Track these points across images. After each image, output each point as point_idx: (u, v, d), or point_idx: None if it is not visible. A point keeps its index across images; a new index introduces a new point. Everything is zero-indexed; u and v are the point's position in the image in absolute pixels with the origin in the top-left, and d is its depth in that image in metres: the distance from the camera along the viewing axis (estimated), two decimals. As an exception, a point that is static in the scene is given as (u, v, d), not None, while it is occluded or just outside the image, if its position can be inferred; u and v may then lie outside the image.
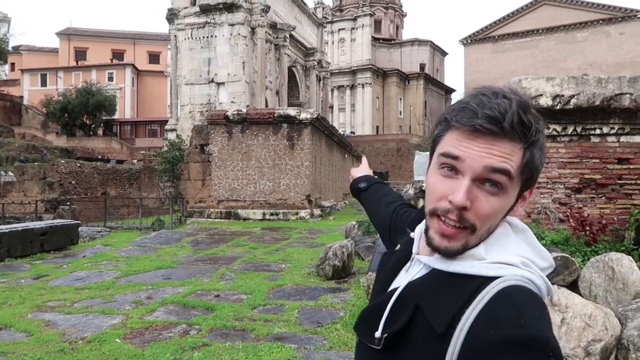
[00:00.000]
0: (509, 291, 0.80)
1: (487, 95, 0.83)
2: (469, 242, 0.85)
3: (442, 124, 0.89)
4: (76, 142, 40.87)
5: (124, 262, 9.41)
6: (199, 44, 31.19)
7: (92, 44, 61.18)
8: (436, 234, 0.87)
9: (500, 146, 0.81)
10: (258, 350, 4.45)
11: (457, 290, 0.84)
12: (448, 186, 0.84)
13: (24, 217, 16.69)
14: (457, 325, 0.79)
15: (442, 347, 0.79)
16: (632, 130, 5.97)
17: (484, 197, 0.83)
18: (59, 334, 5.08)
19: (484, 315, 0.78)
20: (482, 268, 0.84)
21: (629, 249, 5.24)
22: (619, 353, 3.81)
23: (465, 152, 0.82)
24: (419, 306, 0.86)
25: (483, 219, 0.84)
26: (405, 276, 0.97)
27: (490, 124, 0.80)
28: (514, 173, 0.82)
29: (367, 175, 1.70)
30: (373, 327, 0.92)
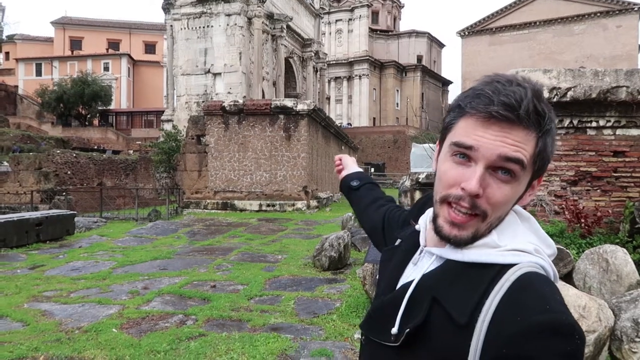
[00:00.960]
0: (529, 277, 0.81)
1: (501, 83, 0.83)
2: (479, 230, 0.85)
3: (455, 111, 0.88)
4: (72, 133, 40.69)
5: (120, 252, 9.41)
6: (195, 34, 30.98)
7: (88, 34, 60.76)
8: (445, 223, 0.87)
9: (515, 134, 0.81)
10: (254, 341, 4.47)
11: (474, 279, 0.84)
12: (461, 173, 0.84)
13: (19, 207, 16.64)
14: (478, 315, 0.79)
15: (464, 338, 0.79)
16: (628, 123, 5.99)
17: (496, 184, 0.83)
18: (55, 324, 5.09)
19: (507, 303, 0.78)
20: (498, 256, 0.84)
21: (624, 241, 5.28)
22: (612, 344, 3.84)
23: (479, 141, 0.82)
24: (437, 298, 0.85)
25: (495, 207, 0.84)
26: (415, 269, 0.96)
27: (506, 111, 0.80)
28: (527, 163, 0.82)
29: (359, 172, 1.65)
30: (387, 323, 0.90)
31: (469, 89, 0.87)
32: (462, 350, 0.79)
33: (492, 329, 0.77)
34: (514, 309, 0.76)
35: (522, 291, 0.78)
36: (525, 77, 0.86)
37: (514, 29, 49.84)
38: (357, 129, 51.13)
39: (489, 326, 0.77)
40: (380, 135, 46.62)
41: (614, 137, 6.02)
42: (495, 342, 0.76)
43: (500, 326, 0.76)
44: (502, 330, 0.75)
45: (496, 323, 0.77)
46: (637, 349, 3.71)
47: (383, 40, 69.49)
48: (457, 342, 0.80)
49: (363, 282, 5.49)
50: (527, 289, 0.79)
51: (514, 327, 0.74)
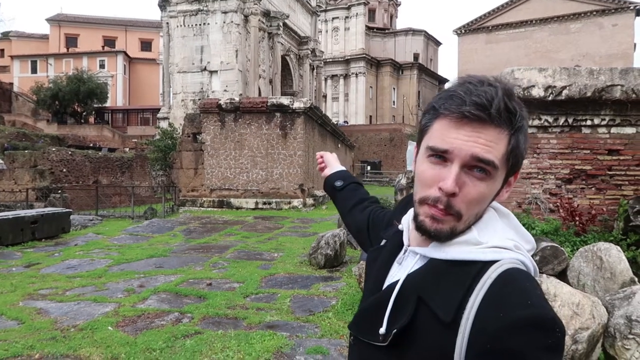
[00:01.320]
0: (510, 274, 0.83)
1: (473, 84, 0.85)
2: (456, 227, 0.87)
3: (430, 113, 0.90)
4: (67, 130, 40.51)
5: (116, 250, 9.40)
6: (191, 31, 30.89)
7: (83, 31, 60.50)
8: (427, 218, 0.88)
9: (487, 133, 0.83)
10: (250, 338, 4.48)
11: (457, 277, 0.86)
12: (437, 173, 0.86)
13: (14, 205, 16.57)
14: (463, 312, 0.80)
15: (450, 336, 0.81)
16: (622, 121, 6.01)
17: (472, 182, 0.85)
18: (50, 322, 5.08)
19: (490, 299, 0.80)
20: (479, 253, 0.87)
21: (618, 239, 5.31)
22: (606, 341, 3.87)
23: (453, 143, 0.84)
24: (422, 298, 0.87)
25: (470, 204, 0.85)
26: (400, 269, 0.97)
27: (478, 111, 0.82)
28: (499, 163, 0.84)
29: (342, 171, 1.64)
30: (375, 324, 0.92)
31: (443, 90, 0.90)
32: (448, 348, 0.80)
33: (476, 326, 0.78)
34: (496, 305, 0.78)
35: (504, 287, 0.80)
36: (498, 76, 0.89)
37: (510, 27, 49.87)
38: (353, 127, 51.09)
39: (473, 323, 0.79)
40: (376, 133, 46.61)
41: (608, 135, 6.04)
42: (480, 339, 0.77)
43: (484, 322, 0.78)
44: (486, 326, 0.77)
45: (480, 320, 0.79)
46: (630, 346, 3.73)
47: (380, 38, 69.46)
48: (443, 340, 0.82)
49: (359, 280, 5.51)
50: (509, 285, 0.80)
51: (497, 322, 0.76)
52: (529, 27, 48.91)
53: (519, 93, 5.95)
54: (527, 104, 6.03)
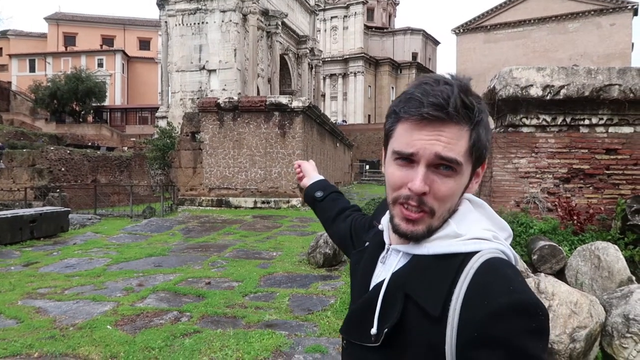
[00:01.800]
0: (492, 263, 0.85)
1: (429, 84, 0.87)
2: (431, 224, 0.89)
3: (392, 117, 0.92)
4: (66, 129, 40.48)
5: (114, 249, 9.40)
6: (190, 30, 30.87)
7: (82, 30, 60.40)
8: (402, 221, 0.90)
9: (448, 131, 0.85)
10: (249, 337, 4.48)
11: (441, 271, 0.87)
12: (405, 175, 0.88)
13: (13, 204, 16.56)
14: (449, 305, 0.82)
15: (440, 329, 0.82)
16: (620, 121, 6.03)
17: (440, 180, 0.87)
18: (49, 321, 5.08)
19: (474, 289, 0.81)
20: (460, 245, 0.88)
21: (615, 238, 5.33)
22: (603, 339, 3.89)
23: (416, 145, 0.86)
24: (409, 295, 0.88)
25: (441, 201, 0.88)
26: (384, 268, 0.99)
27: (436, 111, 0.84)
28: (462, 159, 0.86)
29: (321, 181, 1.64)
30: (365, 325, 0.93)
31: (402, 93, 0.91)
32: (439, 341, 0.82)
33: (463, 316, 0.80)
34: (480, 293, 0.80)
35: (487, 276, 0.82)
36: (454, 73, 0.91)
37: (508, 26, 49.91)
38: (352, 126, 51.12)
39: (460, 313, 0.81)
40: (375, 133, 46.62)
41: (606, 134, 6.06)
42: (467, 328, 0.79)
43: (470, 311, 0.80)
44: (472, 315, 0.79)
45: (466, 309, 0.80)
46: (628, 345, 3.75)
47: (378, 38, 69.47)
48: (433, 334, 0.83)
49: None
50: (491, 274, 0.83)
51: (483, 310, 0.78)
52: (527, 27, 48.97)
53: (518, 92, 5.97)
54: (526, 103, 6.05)
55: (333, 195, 1.58)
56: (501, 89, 6.03)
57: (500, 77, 6.12)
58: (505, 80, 6.03)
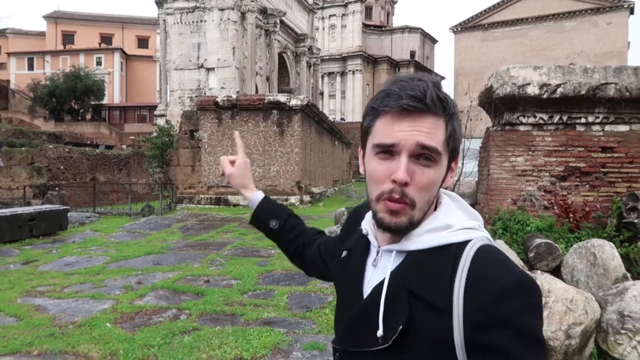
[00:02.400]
0: (484, 250, 0.90)
1: (405, 81, 0.91)
2: (412, 216, 0.92)
3: (371, 114, 0.95)
4: (64, 127, 40.38)
5: (113, 247, 9.42)
6: (188, 28, 30.83)
7: (80, 28, 60.24)
8: (385, 214, 0.93)
9: (426, 122, 0.89)
10: (247, 335, 4.51)
11: (439, 262, 0.91)
12: (387, 168, 0.91)
13: (12, 202, 16.55)
14: (453, 294, 0.86)
15: (446, 319, 0.85)
16: (616, 119, 6.06)
17: (420, 170, 0.90)
18: (49, 319, 5.11)
19: (474, 275, 0.86)
20: (453, 236, 0.93)
21: (611, 235, 5.36)
22: (599, 336, 3.92)
23: (397, 136, 0.89)
24: (412, 290, 0.90)
25: (421, 192, 0.91)
26: (377, 271, 0.99)
27: (415, 102, 0.88)
28: (441, 148, 0.90)
29: (267, 202, 1.50)
30: (368, 330, 0.93)
31: (378, 92, 0.95)
32: (447, 332, 0.85)
33: (467, 302, 0.84)
34: (482, 278, 0.84)
35: (484, 262, 0.87)
36: (422, 74, 0.95)
37: (506, 25, 49.96)
38: (350, 124, 51.02)
39: (464, 300, 0.84)
40: (373, 131, 46.58)
41: (602, 133, 6.10)
42: (474, 312, 0.83)
43: (475, 297, 0.83)
44: (477, 299, 0.83)
45: (470, 295, 0.84)
46: (623, 341, 3.79)
47: (376, 36, 69.43)
48: (440, 325, 0.86)
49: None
50: (487, 259, 0.88)
51: (487, 294, 0.82)
52: (525, 25, 49.02)
53: (515, 91, 6.00)
54: (523, 101, 6.09)
55: (290, 221, 1.47)
56: (498, 88, 6.06)
57: (497, 76, 6.15)
58: (503, 79, 6.06)
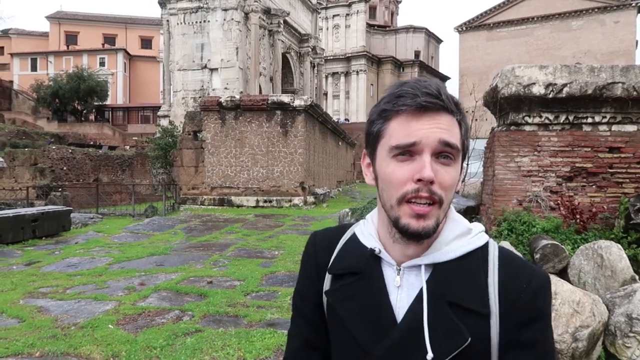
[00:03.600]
0: (502, 251, 0.95)
1: (413, 82, 0.90)
2: (439, 217, 0.88)
3: (381, 118, 0.91)
4: (67, 128, 40.49)
5: (116, 248, 9.40)
6: (191, 29, 30.86)
7: (83, 28, 60.41)
8: (411, 219, 0.87)
9: (444, 119, 0.87)
10: (250, 336, 4.48)
11: (468, 269, 0.91)
12: (409, 169, 0.86)
13: (15, 203, 16.58)
14: (490, 297, 0.88)
15: (485, 322, 0.87)
16: (623, 119, 5.99)
17: (443, 169, 0.87)
18: (51, 320, 5.09)
19: (505, 276, 0.90)
20: (475, 241, 0.94)
21: (618, 237, 5.29)
22: (606, 339, 3.87)
23: (418, 134, 0.86)
24: (452, 302, 0.88)
25: (446, 190, 0.87)
26: (404, 290, 0.92)
27: (433, 99, 0.86)
28: (460, 146, 0.89)
29: None
30: (414, 355, 0.86)
31: (384, 97, 0.92)
32: (485, 335, 0.87)
33: (503, 303, 0.87)
34: (514, 279, 0.89)
35: (510, 262, 0.92)
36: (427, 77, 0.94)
37: (511, 24, 49.79)
38: (354, 124, 51.02)
39: (500, 301, 0.88)
40: (377, 131, 46.55)
41: (609, 133, 6.02)
42: (511, 312, 0.87)
43: (510, 297, 0.88)
44: (514, 299, 0.87)
45: (505, 296, 0.88)
46: (631, 344, 3.73)
47: (380, 36, 69.38)
48: (481, 330, 0.87)
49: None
50: (510, 260, 0.93)
51: (524, 293, 0.88)
52: (530, 25, 48.84)
53: (520, 90, 5.94)
54: (528, 101, 6.03)
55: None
56: (503, 87, 6.01)
57: (502, 76, 6.09)
58: (508, 79, 6.00)
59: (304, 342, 1.09)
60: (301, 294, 1.11)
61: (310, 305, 1.08)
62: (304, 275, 1.11)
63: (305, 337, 1.09)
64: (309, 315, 1.08)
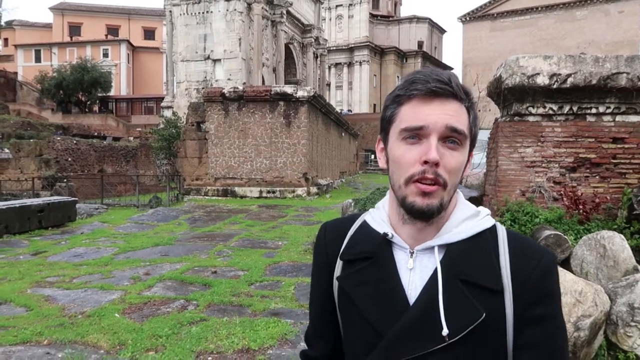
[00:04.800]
0: (510, 232, 0.99)
1: (426, 70, 0.93)
2: (443, 198, 0.91)
3: (395, 103, 0.95)
4: (72, 119, 40.56)
5: (121, 238, 9.47)
6: (194, 19, 30.77)
7: (87, 19, 60.28)
8: (417, 196, 0.90)
9: (452, 106, 0.91)
10: (255, 325, 4.53)
11: (479, 248, 0.95)
12: (417, 151, 0.90)
13: (21, 194, 16.68)
14: (502, 275, 0.92)
15: (499, 300, 0.90)
16: (627, 109, 5.97)
17: (449, 153, 0.90)
18: (58, 309, 5.15)
19: (516, 255, 0.93)
20: (484, 222, 0.98)
21: (621, 227, 5.30)
22: (608, 328, 3.89)
23: (427, 119, 0.90)
24: (465, 280, 0.91)
25: (451, 174, 0.91)
26: (416, 272, 0.94)
27: (443, 85, 0.90)
28: (467, 132, 0.92)
29: None
30: (429, 332, 0.88)
31: (398, 85, 0.96)
32: (500, 312, 0.90)
33: (516, 280, 0.91)
34: (525, 257, 0.93)
35: (518, 243, 0.96)
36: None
37: (515, 14, 49.37)
38: (357, 115, 50.96)
39: (512, 280, 0.91)
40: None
41: (613, 123, 6.01)
42: (524, 289, 0.90)
43: (522, 275, 0.91)
44: (525, 278, 0.91)
45: (517, 274, 0.91)
46: (633, 333, 3.76)
47: (383, 26, 68.95)
48: (495, 307, 0.90)
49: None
50: (519, 240, 0.97)
51: (535, 271, 0.91)
52: (534, 14, 48.41)
53: (524, 81, 5.93)
54: (532, 92, 6.01)
55: None
56: (507, 78, 5.99)
57: (506, 66, 6.08)
58: (512, 69, 5.98)
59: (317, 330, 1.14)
60: (315, 285, 1.14)
61: (322, 295, 1.10)
62: (315, 266, 1.13)
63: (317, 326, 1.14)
64: (322, 305, 1.11)
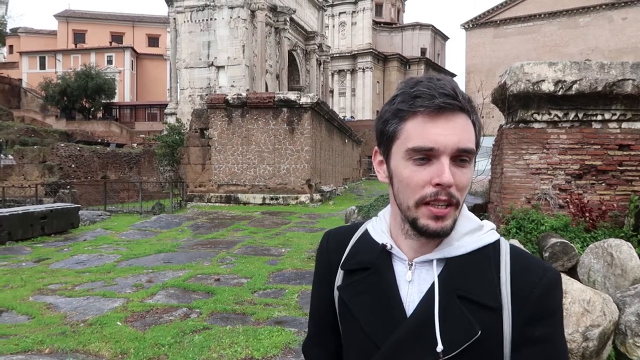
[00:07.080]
0: (513, 248, 0.95)
1: (426, 81, 0.88)
2: (455, 217, 0.89)
3: (397, 118, 0.89)
4: (75, 126, 40.70)
5: (124, 245, 9.44)
6: (198, 26, 30.91)
7: (91, 27, 60.65)
8: (430, 220, 0.87)
9: (460, 121, 0.87)
10: (258, 334, 4.48)
11: (480, 264, 0.91)
12: (427, 173, 0.86)
13: (24, 200, 16.70)
14: (500, 292, 0.89)
15: (496, 317, 0.87)
16: (633, 116, 5.94)
17: (460, 171, 0.87)
18: (60, 317, 5.12)
19: (517, 272, 0.90)
20: (487, 237, 0.94)
21: (628, 235, 5.25)
22: (617, 338, 3.84)
23: (436, 139, 0.85)
24: (463, 296, 0.88)
25: (462, 191, 0.89)
26: (414, 285, 0.93)
27: (451, 100, 0.85)
28: (474, 147, 0.89)
29: None
30: (423, 348, 0.86)
31: (398, 95, 0.90)
32: (497, 330, 0.87)
33: (516, 298, 0.88)
34: (526, 274, 0.90)
35: (520, 259, 0.93)
36: (436, 74, 0.95)
37: (518, 21, 49.43)
38: (360, 122, 50.89)
39: (512, 296, 0.88)
40: (383, 129, 46.39)
41: (619, 130, 5.97)
42: (524, 307, 0.87)
43: (523, 292, 0.88)
44: (525, 295, 0.88)
45: (517, 291, 0.88)
46: (642, 343, 3.70)
47: (387, 33, 69.11)
48: (492, 324, 0.87)
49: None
50: (521, 257, 0.94)
51: (537, 288, 0.88)
52: (538, 21, 48.46)
53: (529, 87, 5.90)
54: (537, 98, 5.98)
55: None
56: (512, 84, 5.97)
57: (511, 73, 6.05)
58: (517, 76, 5.96)
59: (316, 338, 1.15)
60: (315, 293, 1.14)
61: (322, 304, 1.10)
62: (317, 274, 1.12)
63: (316, 336, 1.15)
64: (321, 314, 1.11)
